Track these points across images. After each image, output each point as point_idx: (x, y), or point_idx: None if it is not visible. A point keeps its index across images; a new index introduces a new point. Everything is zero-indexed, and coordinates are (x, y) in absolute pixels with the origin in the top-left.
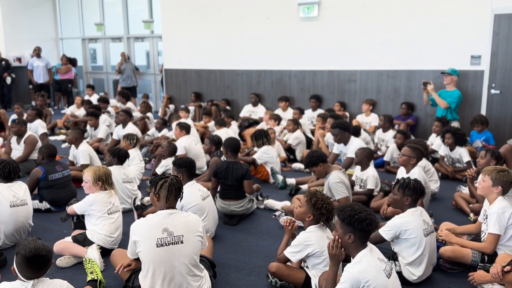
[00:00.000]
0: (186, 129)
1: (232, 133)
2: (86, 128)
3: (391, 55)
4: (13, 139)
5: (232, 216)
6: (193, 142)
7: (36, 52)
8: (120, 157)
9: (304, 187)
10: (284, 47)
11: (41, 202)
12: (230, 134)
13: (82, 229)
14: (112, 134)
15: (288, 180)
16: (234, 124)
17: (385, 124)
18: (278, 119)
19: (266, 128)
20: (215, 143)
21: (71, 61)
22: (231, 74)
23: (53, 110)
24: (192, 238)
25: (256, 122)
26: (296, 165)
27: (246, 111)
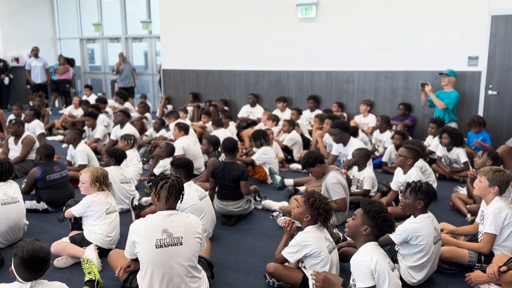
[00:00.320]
0: (184, 129)
1: (229, 133)
2: (84, 128)
3: (389, 56)
4: (10, 139)
5: (230, 217)
6: (191, 143)
7: (34, 52)
8: (118, 157)
9: (302, 189)
10: (282, 48)
11: (38, 202)
12: (227, 134)
13: (80, 229)
14: (110, 135)
15: (286, 181)
16: (232, 125)
17: (382, 125)
18: (276, 119)
19: (264, 129)
20: (213, 143)
21: (69, 61)
22: (229, 74)
23: (50, 111)
24: (191, 240)
25: (254, 123)
26: (294, 165)
27: (244, 111)
